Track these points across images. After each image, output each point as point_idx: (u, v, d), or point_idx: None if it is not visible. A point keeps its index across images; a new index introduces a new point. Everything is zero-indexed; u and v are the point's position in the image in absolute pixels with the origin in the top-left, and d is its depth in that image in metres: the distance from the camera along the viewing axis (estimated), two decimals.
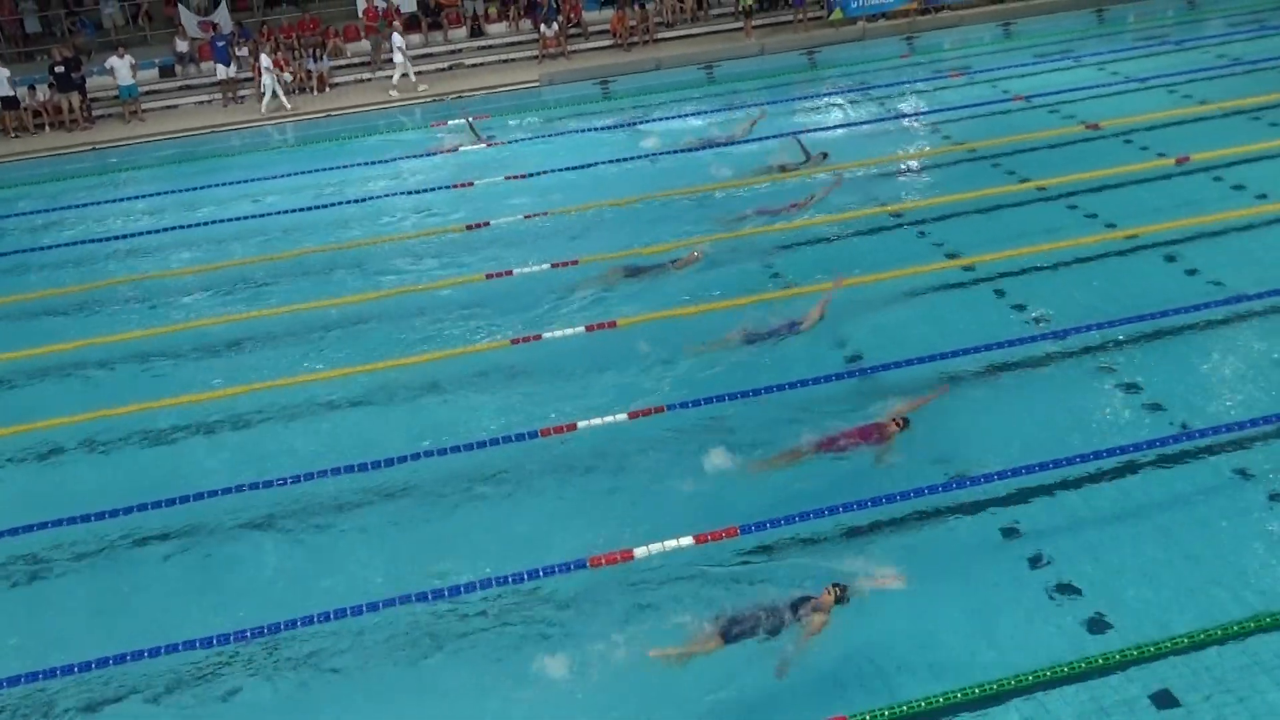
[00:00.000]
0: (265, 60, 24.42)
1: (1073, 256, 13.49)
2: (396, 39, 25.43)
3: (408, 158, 20.69)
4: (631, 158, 19.23)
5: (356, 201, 18.41)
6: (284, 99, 24.46)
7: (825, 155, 17.57)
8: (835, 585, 8.04)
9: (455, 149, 20.67)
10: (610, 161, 19.03)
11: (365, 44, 27.25)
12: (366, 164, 20.47)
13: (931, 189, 16.12)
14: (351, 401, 11.93)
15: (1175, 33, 24.76)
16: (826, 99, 22.25)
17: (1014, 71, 22.26)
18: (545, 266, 14.71)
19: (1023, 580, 8.47)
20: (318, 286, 15.06)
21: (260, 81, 24.67)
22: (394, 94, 25.27)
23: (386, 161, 20.57)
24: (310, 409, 11.88)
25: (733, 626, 7.91)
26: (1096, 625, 7.92)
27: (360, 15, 27.44)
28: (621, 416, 10.76)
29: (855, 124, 19.85)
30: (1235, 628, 7.63)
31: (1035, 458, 9.53)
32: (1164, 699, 7.25)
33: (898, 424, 10.00)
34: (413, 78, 25.55)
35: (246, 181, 20.03)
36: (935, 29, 27.35)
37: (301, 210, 18.09)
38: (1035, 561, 8.59)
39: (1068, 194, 15.49)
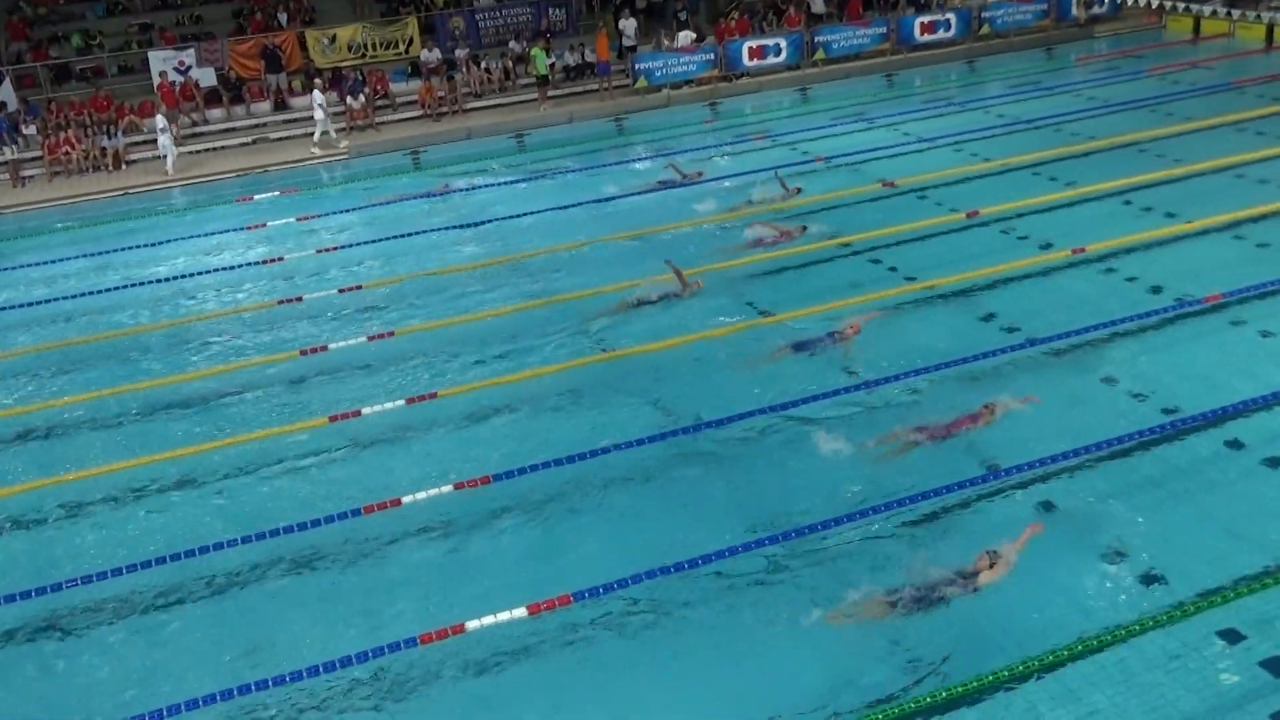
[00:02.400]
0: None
1: (877, 308, 14.05)
2: (317, 95, 25.25)
3: (214, 234, 20.07)
4: (445, 228, 19.16)
5: (161, 281, 17.73)
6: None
7: (799, 190, 18.58)
8: (989, 551, 8.70)
9: (263, 225, 20.20)
10: (423, 232, 18.91)
11: (160, 120, 26.40)
12: (170, 241, 19.78)
13: (741, 250, 16.54)
14: (161, 489, 11.38)
15: (959, 94, 26.29)
16: (635, 164, 22.69)
17: (813, 134, 23.21)
18: (362, 340, 14.46)
19: None
20: (119, 371, 14.39)
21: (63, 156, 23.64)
22: (315, 150, 25.10)
23: (191, 238, 19.91)
24: (114, 501, 11.26)
25: (905, 594, 8.53)
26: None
27: (155, 91, 26.67)
28: (447, 489, 10.61)
29: (663, 188, 20.27)
30: None
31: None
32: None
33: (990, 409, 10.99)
34: (333, 134, 25.34)
35: (39, 265, 19.08)
36: (737, 95, 28.31)
37: (99, 292, 17.29)
38: None
39: (870, 249, 16.18)
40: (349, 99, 26.68)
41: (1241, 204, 16.20)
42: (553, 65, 27.97)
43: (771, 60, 28.93)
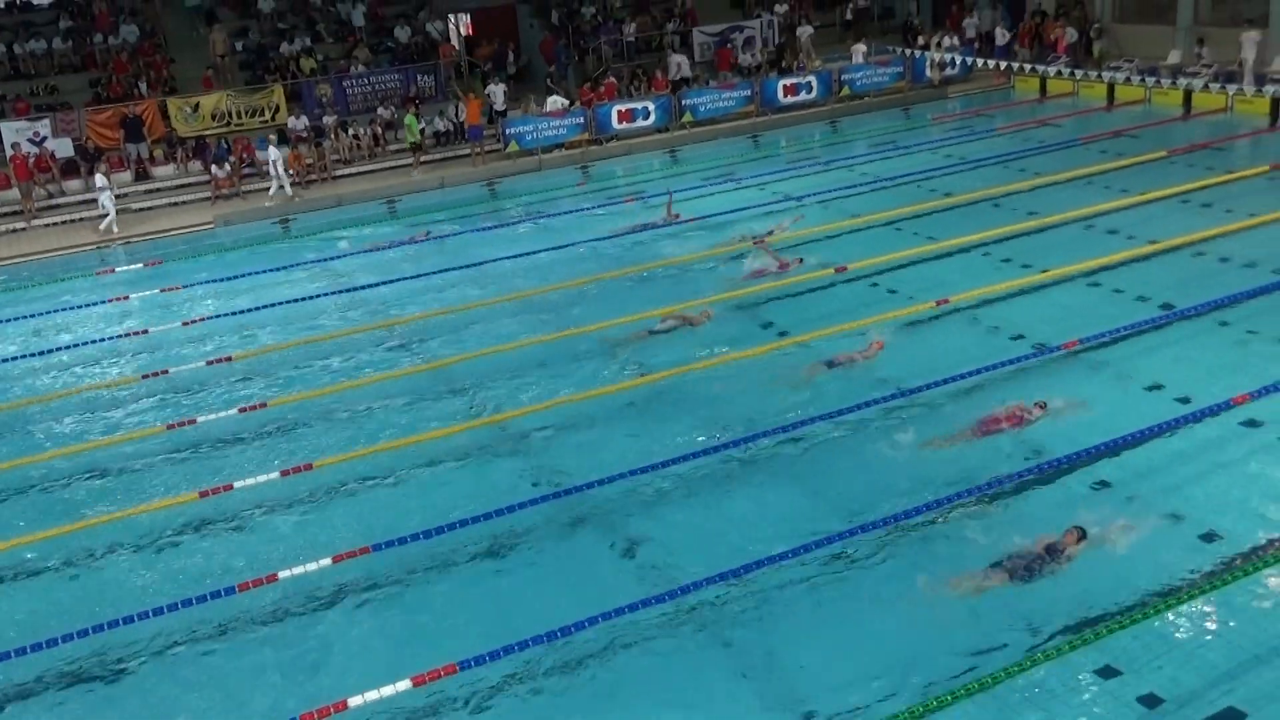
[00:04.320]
0: None
1: (752, 365, 14.26)
2: (273, 152, 25.19)
3: (72, 308, 19.44)
4: (316, 295, 18.89)
5: (13, 359, 17.03)
6: None
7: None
8: (1076, 528, 9.51)
9: (126, 298, 19.62)
10: (294, 300, 18.59)
11: (14, 192, 25.56)
12: (25, 317, 19.05)
13: (614, 309, 16.67)
14: (22, 574, 10.87)
15: (823, 154, 27.03)
16: (508, 228, 22.71)
17: (683, 195, 23.55)
18: (232, 412, 14.10)
19: None
20: None
21: None
22: (269, 204, 25.21)
23: (48, 313, 19.22)
24: None
25: (1006, 567, 9.37)
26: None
27: (9, 163, 25.81)
28: (325, 561, 10.35)
29: (536, 251, 20.32)
30: None
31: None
32: None
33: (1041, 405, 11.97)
34: (288, 190, 25.35)
35: None
36: (607, 158, 28.65)
37: None
38: None
39: (744, 306, 16.44)
40: (213, 167, 26.21)
41: (1093, 254, 16.95)
42: (423, 130, 27.96)
43: (640, 123, 29.40)
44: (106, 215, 24.27)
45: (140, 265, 21.98)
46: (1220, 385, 12.29)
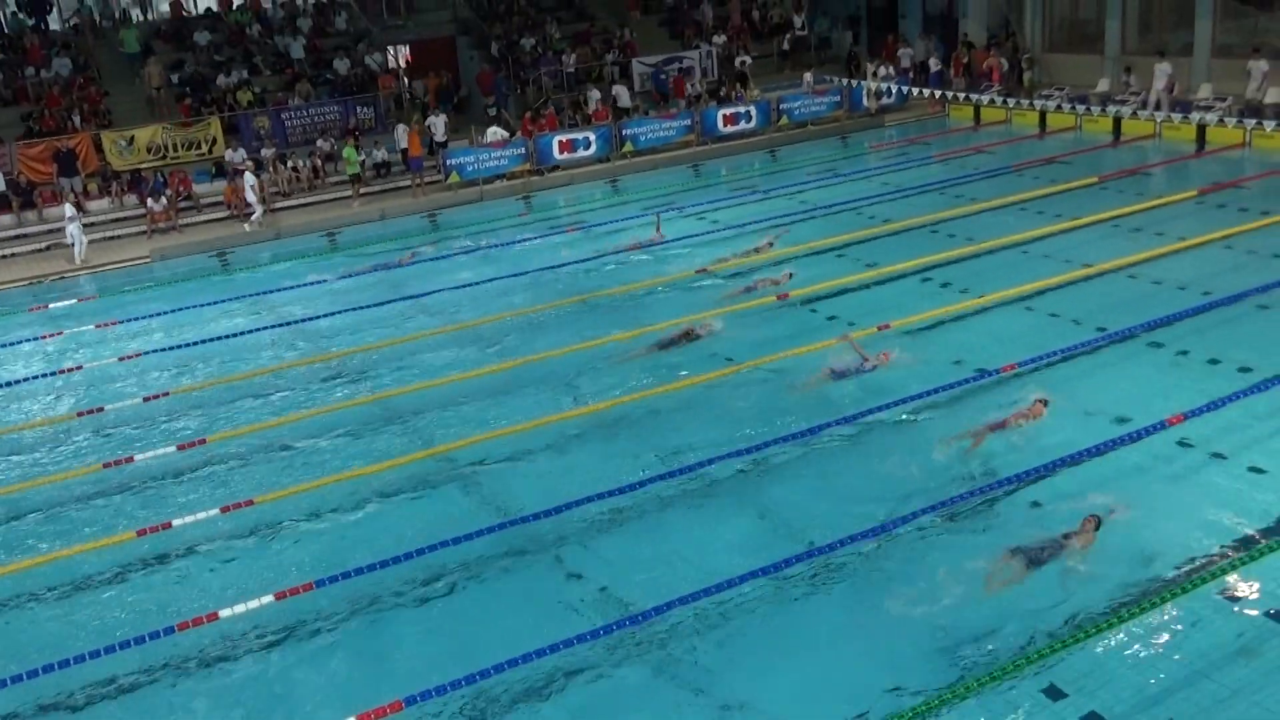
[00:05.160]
0: None
1: (702, 388, 14.34)
2: (249, 178, 25.45)
3: (5, 345, 19.03)
4: (255, 329, 18.67)
5: None
6: None
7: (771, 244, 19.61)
8: (1092, 516, 10.07)
9: (60, 333, 19.27)
10: (233, 335, 18.36)
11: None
12: None
13: (560, 339, 16.66)
14: None
15: (763, 183, 27.23)
16: (450, 259, 22.62)
17: (626, 224, 23.65)
18: (171, 449, 13.87)
19: None
20: None
21: None
22: (248, 229, 25.86)
23: None
24: None
25: (1026, 555, 9.82)
26: None
27: None
28: (268, 599, 10.19)
29: (478, 282, 20.27)
30: None
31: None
32: None
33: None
34: (260, 216, 25.72)
35: None
36: (549, 188, 28.67)
37: None
38: None
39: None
40: (149, 201, 25.88)
41: (1028, 278, 17.24)
42: (363, 162, 27.83)
43: (581, 153, 29.49)
44: (75, 244, 24.05)
45: (75, 301, 21.61)
46: (1155, 406, 12.51)
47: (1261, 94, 26.67)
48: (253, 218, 25.79)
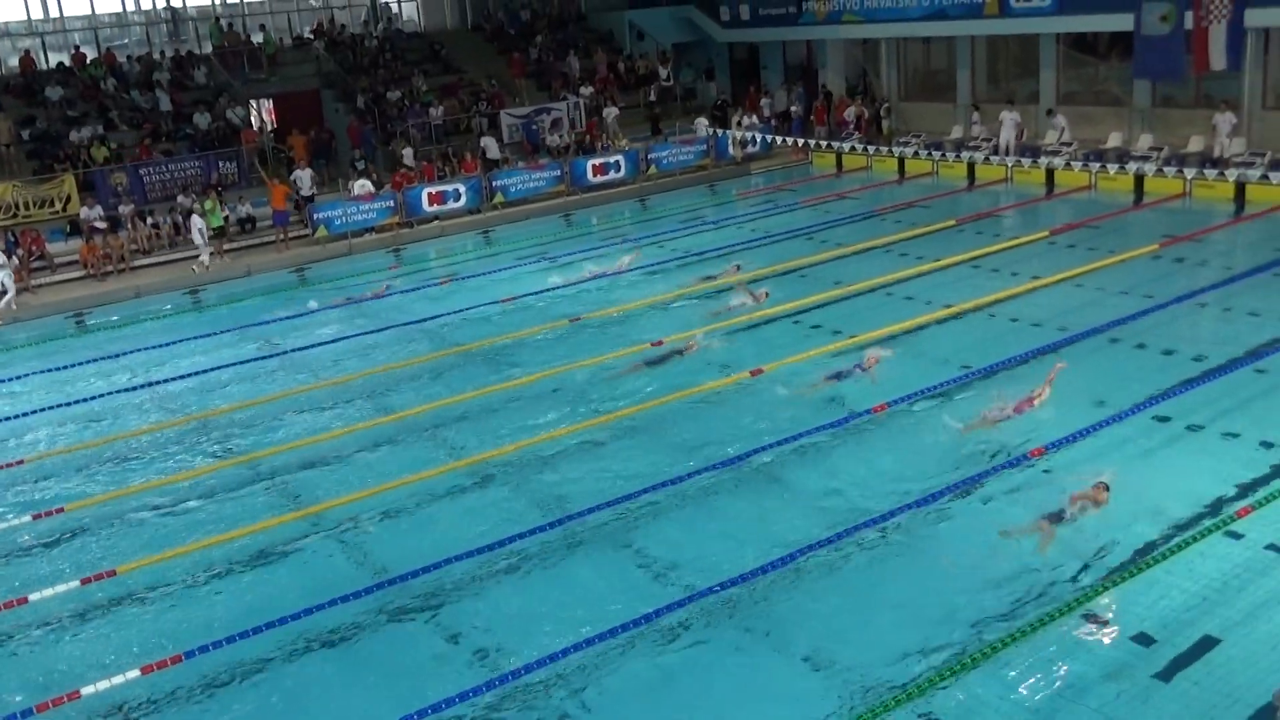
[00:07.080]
0: None
1: (584, 438, 14.33)
2: (196, 220, 25.76)
3: None
4: (114, 391, 18.04)
5: None
6: None
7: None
8: (1101, 481, 11.11)
9: None
10: (91, 398, 17.66)
11: None
12: None
13: (437, 392, 16.49)
14: None
15: (634, 231, 27.46)
16: (323, 313, 22.22)
17: (499, 275, 23.59)
18: (26, 519, 13.25)
19: None
20: None
21: None
22: (197, 270, 26.01)
23: None
24: None
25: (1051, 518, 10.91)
26: None
27: None
28: (134, 674, 9.76)
29: (351, 336, 19.98)
30: None
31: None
32: None
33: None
34: (206, 260, 26.06)
35: None
36: (420, 240, 28.45)
37: None
38: None
39: (557, 387, 16.38)
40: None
41: (894, 319, 17.73)
42: (227, 218, 27.23)
43: (452, 205, 29.34)
44: (5, 294, 23.36)
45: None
46: (1020, 439, 12.94)
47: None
48: (200, 259, 25.76)
